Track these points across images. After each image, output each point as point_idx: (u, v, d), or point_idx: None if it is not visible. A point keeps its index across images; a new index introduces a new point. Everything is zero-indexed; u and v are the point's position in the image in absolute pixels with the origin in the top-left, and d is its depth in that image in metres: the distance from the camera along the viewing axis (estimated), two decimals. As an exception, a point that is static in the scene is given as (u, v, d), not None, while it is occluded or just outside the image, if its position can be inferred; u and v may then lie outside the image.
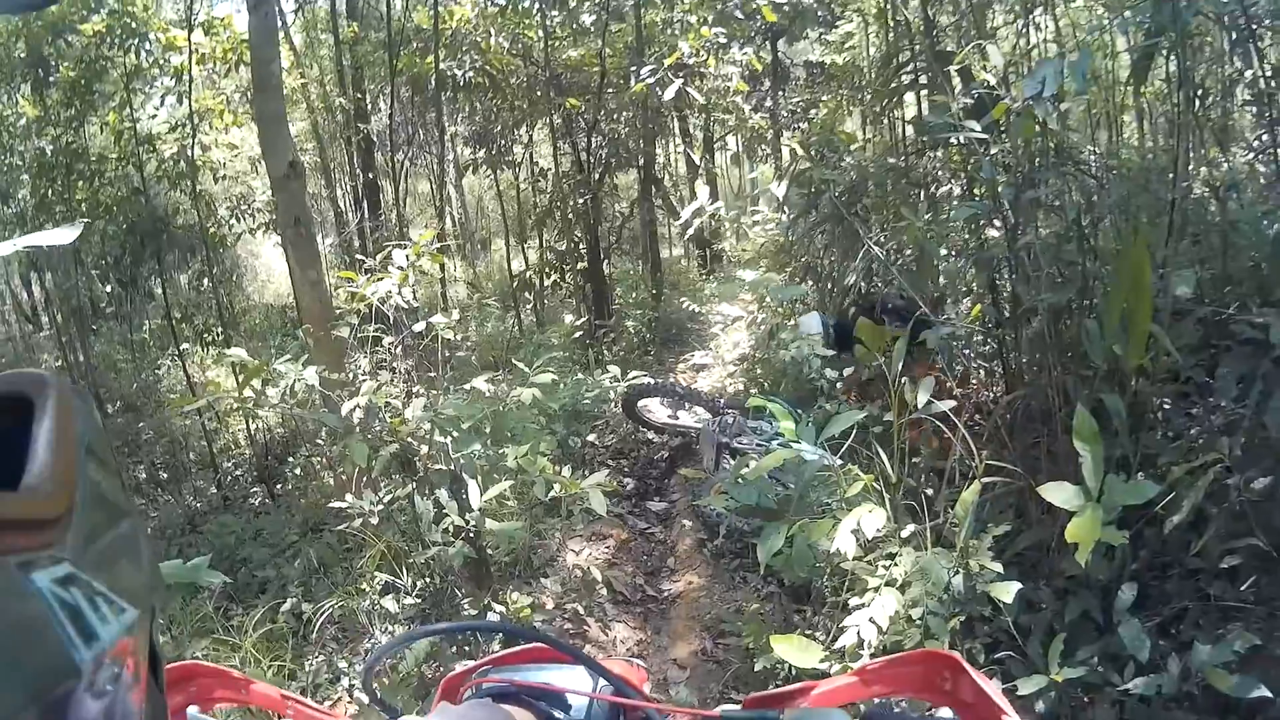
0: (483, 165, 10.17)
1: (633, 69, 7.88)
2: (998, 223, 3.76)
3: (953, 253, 4.18)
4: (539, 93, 9.07)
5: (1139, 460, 2.91)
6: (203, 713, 1.08)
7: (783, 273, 5.79)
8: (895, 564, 2.97)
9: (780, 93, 10.48)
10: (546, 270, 10.03)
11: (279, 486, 6.68)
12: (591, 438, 6.11)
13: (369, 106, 10.76)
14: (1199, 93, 4.23)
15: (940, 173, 4.66)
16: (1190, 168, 3.78)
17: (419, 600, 3.92)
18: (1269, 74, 3.86)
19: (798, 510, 3.28)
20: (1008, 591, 2.72)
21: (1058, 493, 2.56)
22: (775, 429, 4.62)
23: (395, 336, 4.03)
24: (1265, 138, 4.16)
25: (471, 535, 3.75)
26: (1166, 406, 3.35)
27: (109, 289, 9.13)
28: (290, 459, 6.89)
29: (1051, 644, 2.65)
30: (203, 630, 3.93)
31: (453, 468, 3.85)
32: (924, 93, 4.81)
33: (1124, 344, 2.90)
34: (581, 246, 9.64)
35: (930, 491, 3.42)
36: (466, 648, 3.63)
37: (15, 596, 0.34)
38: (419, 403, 3.88)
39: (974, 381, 4.44)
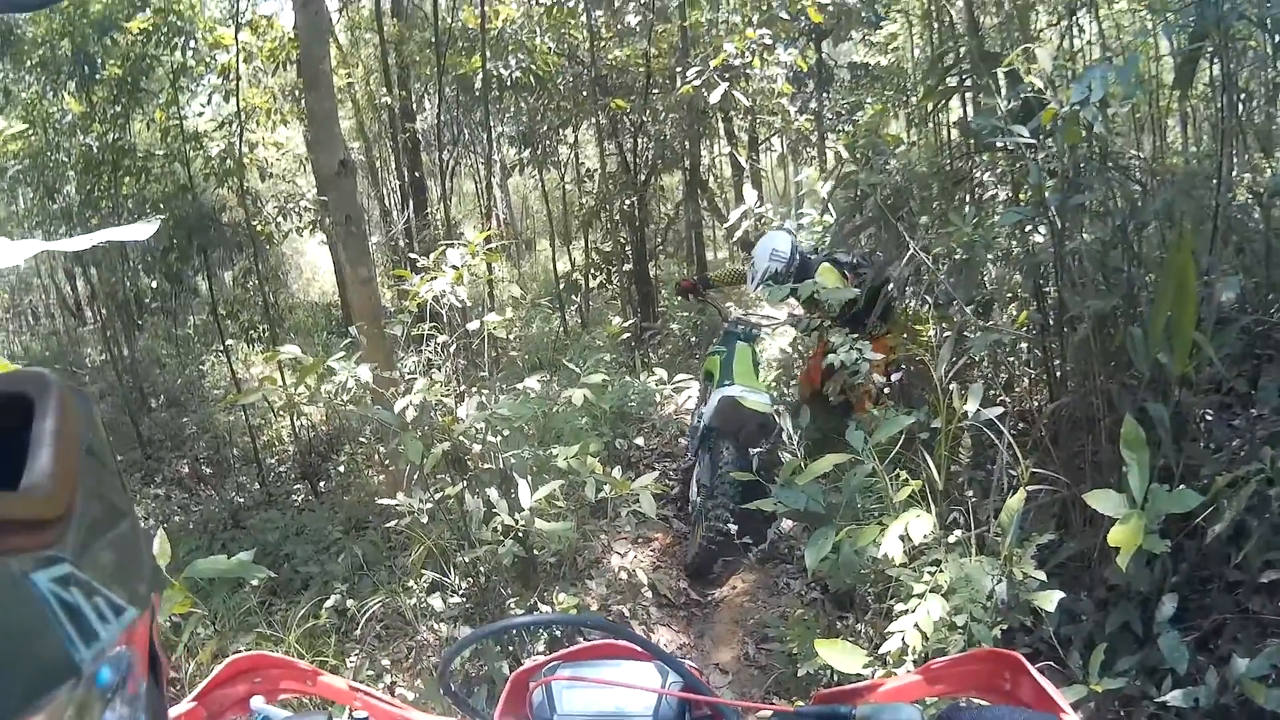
0: (528, 165, 10.19)
1: (678, 69, 7.87)
2: (1043, 229, 3.71)
3: (999, 256, 4.15)
4: (584, 93, 9.05)
5: (1181, 471, 2.87)
6: (268, 703, 1.08)
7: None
8: (941, 570, 2.96)
9: (825, 94, 10.45)
10: (592, 271, 10.04)
11: (322, 484, 6.73)
12: (638, 440, 6.11)
13: (414, 106, 10.81)
14: (1242, 97, 4.16)
15: (986, 177, 4.61)
16: (1234, 174, 3.74)
17: (464, 600, 3.93)
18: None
19: (845, 516, 3.27)
20: (1050, 600, 2.70)
21: (1103, 500, 2.54)
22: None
23: (448, 335, 4.03)
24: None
25: (520, 535, 3.76)
26: (1209, 417, 3.30)
27: (154, 284, 9.20)
28: (334, 456, 6.94)
29: (1092, 655, 2.62)
30: (246, 625, 3.96)
31: (503, 467, 3.85)
32: (969, 95, 4.75)
33: (1168, 352, 2.85)
34: (627, 248, 9.61)
35: (971, 494, 3.40)
36: (510, 647, 3.64)
37: (15, 596, 0.34)
38: (473, 401, 3.89)
39: (1017, 389, 4.39)
